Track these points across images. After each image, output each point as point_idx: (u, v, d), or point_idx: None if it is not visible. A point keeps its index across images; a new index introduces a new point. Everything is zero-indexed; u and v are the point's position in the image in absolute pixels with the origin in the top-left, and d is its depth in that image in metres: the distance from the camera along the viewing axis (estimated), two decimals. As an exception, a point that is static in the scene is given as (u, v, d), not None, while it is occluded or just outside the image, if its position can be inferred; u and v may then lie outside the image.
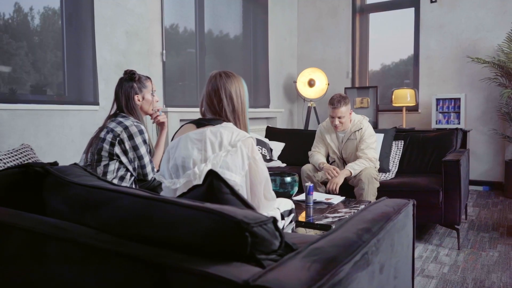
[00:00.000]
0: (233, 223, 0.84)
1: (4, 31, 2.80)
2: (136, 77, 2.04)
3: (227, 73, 1.67)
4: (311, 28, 5.80)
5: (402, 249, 1.30)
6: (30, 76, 2.97)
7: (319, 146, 3.24)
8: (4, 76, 2.82)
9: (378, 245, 1.07)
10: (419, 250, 2.75)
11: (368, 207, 1.30)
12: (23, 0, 2.90)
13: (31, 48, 2.97)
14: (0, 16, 2.80)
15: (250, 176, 1.55)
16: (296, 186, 2.58)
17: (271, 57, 5.35)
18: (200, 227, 0.88)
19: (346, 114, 3.01)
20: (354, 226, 1.09)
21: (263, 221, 0.87)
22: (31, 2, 2.94)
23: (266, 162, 3.81)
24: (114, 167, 1.92)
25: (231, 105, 1.64)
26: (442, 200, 2.77)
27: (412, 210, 1.45)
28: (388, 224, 1.16)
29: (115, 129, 1.93)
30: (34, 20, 3.02)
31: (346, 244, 0.95)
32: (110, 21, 3.27)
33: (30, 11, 2.98)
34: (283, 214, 1.73)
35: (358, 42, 5.58)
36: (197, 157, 1.52)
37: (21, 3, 2.90)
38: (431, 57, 4.99)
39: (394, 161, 3.42)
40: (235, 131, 1.57)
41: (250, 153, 1.55)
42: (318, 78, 5.33)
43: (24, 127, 2.72)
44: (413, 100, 4.78)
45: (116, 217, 1.04)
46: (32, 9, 2.98)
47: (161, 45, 3.76)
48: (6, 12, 2.83)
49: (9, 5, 2.84)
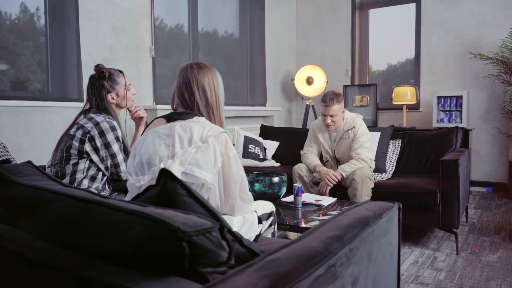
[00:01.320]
0: (168, 231, 0.72)
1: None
2: (106, 74, 1.91)
3: (199, 64, 1.55)
4: (310, 24, 5.67)
5: (384, 258, 1.17)
6: (10, 71, 2.87)
7: (311, 145, 3.10)
8: (-17, 72, 2.71)
9: (351, 255, 0.94)
10: (415, 255, 2.61)
11: (346, 211, 1.17)
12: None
13: (12, 43, 2.87)
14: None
15: (224, 175, 1.42)
16: (284, 187, 2.46)
17: (268, 55, 5.22)
18: (132, 235, 0.76)
19: (339, 113, 2.88)
20: (323, 234, 0.96)
21: (206, 229, 0.75)
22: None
23: (259, 161, 3.68)
24: (84, 166, 1.80)
25: (204, 99, 1.52)
26: (439, 202, 2.63)
27: (397, 214, 1.32)
28: (364, 230, 1.03)
29: (85, 125, 1.82)
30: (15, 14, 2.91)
31: (309, 255, 0.83)
32: (96, 15, 3.16)
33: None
34: (260, 217, 1.60)
35: (358, 39, 5.43)
36: (163, 153, 1.39)
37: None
38: (432, 54, 4.83)
39: (391, 161, 3.27)
40: (208, 125, 1.44)
41: (224, 150, 1.42)
42: (317, 76, 5.19)
43: (3, 124, 2.61)
44: (414, 98, 4.62)
45: (50, 222, 0.92)
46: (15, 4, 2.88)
47: (151, 41, 3.64)
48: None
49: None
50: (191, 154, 1.38)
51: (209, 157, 1.39)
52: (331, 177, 2.78)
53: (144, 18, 3.60)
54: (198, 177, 1.38)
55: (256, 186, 2.45)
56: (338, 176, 2.79)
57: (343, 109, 2.93)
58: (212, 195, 1.43)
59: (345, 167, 2.83)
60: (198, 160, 1.38)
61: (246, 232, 1.51)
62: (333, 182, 2.79)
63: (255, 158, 3.67)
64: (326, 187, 2.79)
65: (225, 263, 0.80)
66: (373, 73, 5.48)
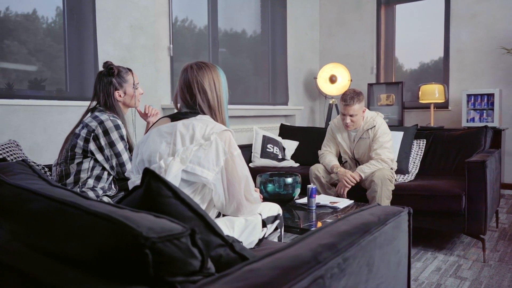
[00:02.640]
0: (131, 236, 0.66)
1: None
2: (115, 71, 1.88)
3: (199, 65, 1.50)
4: (334, 22, 5.53)
5: (389, 268, 1.07)
6: (30, 71, 2.91)
7: (330, 145, 3.00)
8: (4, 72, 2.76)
9: (345, 266, 0.85)
10: (437, 262, 2.46)
11: (347, 216, 1.08)
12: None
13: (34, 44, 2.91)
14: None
15: (227, 174, 1.36)
16: (298, 188, 2.37)
17: (291, 53, 5.13)
18: (98, 240, 0.70)
19: (359, 113, 2.76)
20: (316, 241, 0.88)
21: (174, 235, 0.68)
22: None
23: (277, 161, 3.60)
24: (88, 166, 1.77)
25: (205, 100, 1.46)
26: (465, 206, 2.47)
27: (407, 220, 1.21)
28: (363, 238, 0.94)
29: (90, 124, 1.79)
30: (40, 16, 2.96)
31: (293, 265, 0.75)
32: (113, 15, 3.16)
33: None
34: (266, 220, 1.53)
35: (383, 35, 5.26)
36: (164, 150, 1.34)
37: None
38: (462, 50, 4.61)
39: (414, 162, 3.12)
40: (211, 123, 1.39)
41: (227, 148, 1.36)
42: (340, 74, 5.06)
43: (20, 123, 2.65)
44: (442, 96, 4.42)
45: (25, 223, 0.88)
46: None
47: (169, 40, 3.63)
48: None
49: None
50: (193, 151, 1.32)
51: (211, 155, 1.33)
52: (349, 178, 2.67)
53: (162, 17, 3.58)
54: (199, 175, 1.32)
55: (270, 187, 2.37)
56: (356, 177, 2.68)
57: (364, 108, 2.81)
58: (215, 195, 1.37)
59: (364, 167, 2.71)
60: (200, 158, 1.32)
61: (248, 236, 1.45)
62: (351, 184, 2.67)
63: (273, 158, 3.60)
64: (344, 189, 2.68)
65: (199, 271, 0.73)
66: (404, 72, 5.27)
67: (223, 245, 1.03)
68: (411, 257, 2.53)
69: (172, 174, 1.28)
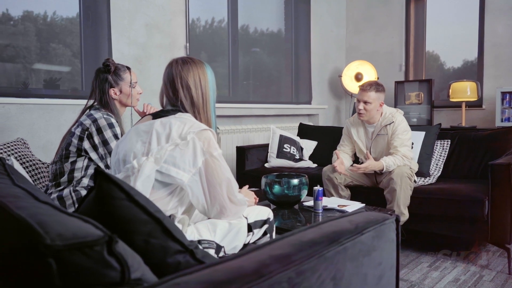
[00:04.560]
0: (37, 243, 0.60)
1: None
2: (112, 68, 1.85)
3: (184, 60, 1.44)
4: (361, 18, 5.34)
5: (365, 282, 0.96)
6: (44, 70, 2.97)
7: (344, 144, 2.87)
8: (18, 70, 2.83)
9: (299, 280, 0.76)
10: (456, 272, 2.29)
11: (323, 223, 0.98)
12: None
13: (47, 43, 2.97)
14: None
15: (207, 176, 1.29)
16: (305, 189, 2.27)
17: (314, 51, 4.99)
18: (6, 244, 0.65)
19: (374, 102, 2.63)
20: (268, 251, 0.79)
21: (86, 243, 0.62)
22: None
23: (294, 162, 3.50)
24: (82, 164, 1.76)
25: (189, 97, 1.40)
26: (488, 212, 2.28)
27: (394, 229, 1.10)
28: (328, 249, 0.84)
29: (84, 122, 1.78)
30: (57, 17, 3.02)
31: (228, 279, 0.67)
32: (128, 14, 3.17)
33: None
34: (253, 225, 1.45)
35: (412, 31, 5.02)
36: (139, 150, 1.29)
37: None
38: (498, 45, 4.31)
39: (437, 164, 2.93)
40: (189, 122, 1.32)
41: (206, 148, 1.29)
42: (367, 72, 4.88)
43: (34, 121, 2.70)
44: (475, 94, 4.15)
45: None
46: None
47: (185, 38, 3.60)
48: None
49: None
50: (167, 151, 1.26)
51: (187, 156, 1.27)
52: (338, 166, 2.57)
53: (179, 15, 3.57)
54: (174, 177, 1.26)
55: (276, 188, 2.28)
56: (379, 165, 2.51)
57: (381, 101, 2.66)
58: (193, 197, 1.30)
59: (389, 160, 2.53)
60: (175, 158, 1.26)
61: (232, 240, 1.37)
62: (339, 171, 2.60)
63: (289, 158, 3.50)
64: (365, 169, 2.53)
65: (121, 283, 0.66)
66: (447, 70, 4.98)
67: (182, 251, 0.96)
68: (429, 266, 2.38)
69: (144, 174, 1.23)
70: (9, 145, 2.08)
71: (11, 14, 2.83)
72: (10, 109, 2.59)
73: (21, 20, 2.86)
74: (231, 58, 4.14)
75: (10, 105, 2.59)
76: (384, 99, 2.70)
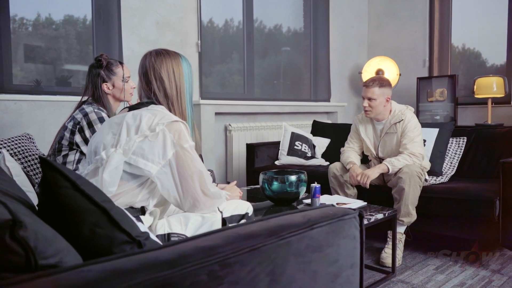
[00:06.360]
0: None
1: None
2: (104, 63, 1.88)
3: (158, 51, 1.43)
4: (383, 12, 5.19)
5: (315, 280, 0.91)
6: (57, 68, 3.06)
7: (352, 141, 2.79)
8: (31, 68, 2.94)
9: (223, 273, 0.73)
10: (464, 276, 2.17)
11: (271, 217, 0.94)
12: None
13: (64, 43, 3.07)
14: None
15: (178, 168, 1.28)
16: (303, 186, 2.22)
17: (334, 47, 4.89)
18: None
19: (379, 98, 2.53)
20: (198, 242, 0.77)
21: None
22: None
23: (305, 159, 3.44)
24: (74, 158, 1.79)
25: (162, 89, 1.40)
26: (499, 213, 2.14)
27: (357, 226, 1.04)
28: (266, 242, 0.81)
29: (76, 116, 1.82)
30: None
31: (134, 268, 0.65)
32: (139, 12, 3.22)
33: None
34: (229, 219, 1.42)
35: (437, 25, 4.82)
36: (109, 142, 1.30)
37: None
38: (528, 38, 4.07)
39: (451, 162, 2.79)
40: (160, 114, 1.31)
41: (177, 140, 1.28)
42: (388, 68, 4.73)
43: (45, 117, 2.78)
44: (501, 90, 3.93)
45: None
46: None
47: (197, 36, 3.62)
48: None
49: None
50: (136, 143, 1.26)
51: (157, 148, 1.26)
52: (354, 177, 2.48)
53: (190, 13, 3.58)
54: (142, 168, 1.25)
55: (274, 185, 2.25)
56: (383, 168, 2.44)
57: (387, 96, 2.56)
58: (163, 190, 1.29)
59: (393, 160, 2.45)
60: (144, 150, 1.26)
61: (205, 234, 1.35)
62: (355, 182, 2.51)
63: (301, 155, 3.44)
64: (368, 178, 2.44)
65: (28, 269, 0.65)
66: (490, 67, 4.72)
67: (129, 242, 0.95)
68: (436, 268, 2.26)
69: (112, 165, 1.23)
70: (13, 140, 2.15)
71: (53, 18, 2.99)
72: (22, 106, 2.68)
73: (62, 23, 3.02)
74: (246, 55, 4.13)
75: (22, 101, 2.68)
76: (390, 94, 2.59)
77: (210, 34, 3.93)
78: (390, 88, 2.58)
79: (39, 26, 2.97)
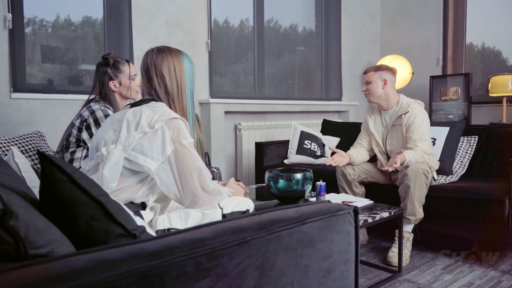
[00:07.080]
0: None
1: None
2: (110, 61, 1.91)
3: (160, 48, 1.46)
4: (396, 11, 5.13)
5: (306, 275, 0.92)
6: (74, 68, 3.12)
7: (362, 137, 2.78)
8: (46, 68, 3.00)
9: (210, 265, 0.74)
10: (472, 276, 2.13)
11: (264, 212, 0.95)
12: None
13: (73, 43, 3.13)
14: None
15: (177, 165, 1.30)
16: (309, 184, 2.21)
17: (346, 46, 4.86)
18: None
19: (375, 81, 2.60)
20: (187, 235, 0.78)
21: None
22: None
23: (314, 158, 3.43)
24: (81, 155, 1.83)
25: (163, 85, 1.42)
26: (508, 213, 2.10)
27: (352, 221, 1.03)
28: (256, 236, 0.81)
29: (83, 113, 1.85)
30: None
31: (121, 258, 0.66)
32: (149, 12, 3.26)
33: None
34: (228, 216, 1.43)
35: (451, 23, 4.75)
36: (110, 138, 1.32)
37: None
38: (544, 35, 3.97)
39: (462, 161, 2.75)
40: (160, 110, 1.33)
41: (176, 137, 1.30)
42: (400, 67, 4.68)
43: (57, 116, 2.84)
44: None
45: None
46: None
47: (207, 35, 3.64)
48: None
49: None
50: (135, 139, 1.28)
51: (156, 144, 1.28)
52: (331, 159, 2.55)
53: (200, 12, 3.61)
54: (142, 164, 1.27)
55: (280, 183, 2.25)
56: (402, 158, 2.31)
57: (384, 78, 2.58)
58: (162, 186, 1.31)
59: (410, 154, 2.34)
60: (143, 146, 1.28)
61: (205, 230, 1.36)
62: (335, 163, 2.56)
63: (310, 154, 3.43)
64: (396, 163, 2.30)
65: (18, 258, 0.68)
66: (511, 66, 4.62)
67: (125, 235, 0.97)
68: (443, 268, 2.23)
69: (111, 162, 1.25)
70: (24, 137, 2.21)
71: (71, 20, 3.07)
72: (34, 104, 2.75)
73: (80, 24, 3.11)
74: (256, 54, 4.14)
75: (34, 100, 2.74)
76: (390, 79, 2.60)
77: (226, 35, 3.96)
78: (389, 72, 2.60)
79: (58, 27, 3.04)
